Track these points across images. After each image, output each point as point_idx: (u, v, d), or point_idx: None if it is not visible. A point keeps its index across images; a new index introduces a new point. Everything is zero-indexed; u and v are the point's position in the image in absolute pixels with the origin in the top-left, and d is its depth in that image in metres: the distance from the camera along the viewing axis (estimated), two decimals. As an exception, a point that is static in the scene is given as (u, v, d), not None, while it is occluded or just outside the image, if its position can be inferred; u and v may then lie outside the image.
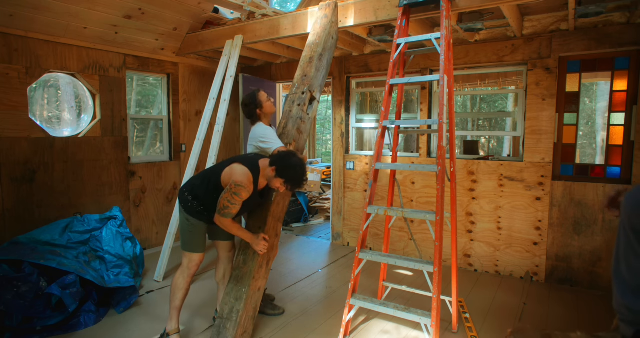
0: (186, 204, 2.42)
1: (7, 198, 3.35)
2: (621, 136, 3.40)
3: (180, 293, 2.51)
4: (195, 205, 2.41)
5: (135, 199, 4.40)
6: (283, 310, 3.07)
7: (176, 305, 2.52)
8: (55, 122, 6.92)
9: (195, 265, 2.52)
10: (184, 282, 2.51)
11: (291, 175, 2.25)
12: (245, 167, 2.29)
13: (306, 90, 2.87)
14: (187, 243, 2.49)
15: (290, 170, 2.24)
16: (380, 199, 4.51)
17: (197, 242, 2.50)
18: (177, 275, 2.53)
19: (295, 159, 2.28)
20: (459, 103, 13.33)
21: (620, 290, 1.01)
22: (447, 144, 2.60)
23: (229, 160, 2.45)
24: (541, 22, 3.55)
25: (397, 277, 3.78)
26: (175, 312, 2.53)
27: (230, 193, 2.24)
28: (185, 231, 2.48)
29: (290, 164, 2.25)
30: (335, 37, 3.23)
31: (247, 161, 2.36)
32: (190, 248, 2.49)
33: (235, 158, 2.46)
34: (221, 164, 2.44)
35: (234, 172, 2.28)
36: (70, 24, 3.55)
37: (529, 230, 3.70)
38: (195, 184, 2.46)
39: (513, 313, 3.05)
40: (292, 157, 2.28)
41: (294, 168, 2.24)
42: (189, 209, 2.42)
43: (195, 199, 2.41)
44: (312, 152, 9.61)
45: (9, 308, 2.49)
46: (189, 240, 2.49)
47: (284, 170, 2.24)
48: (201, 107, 5.04)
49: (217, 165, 2.50)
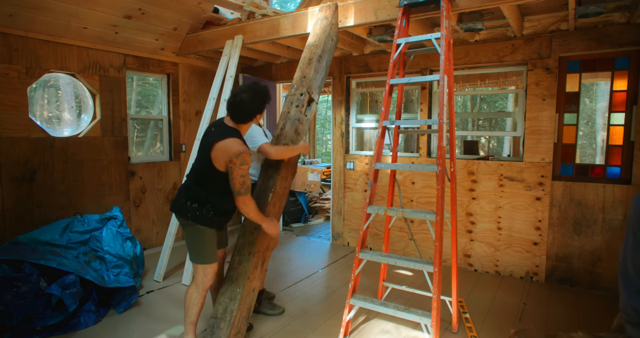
0: (194, 214, 2.28)
1: (7, 198, 3.35)
2: (621, 136, 3.40)
3: (195, 308, 2.39)
4: (205, 212, 2.28)
5: (135, 199, 4.40)
6: (283, 309, 3.05)
7: (192, 320, 2.40)
8: (55, 122, 6.92)
9: (211, 279, 2.39)
10: (198, 296, 2.37)
11: (243, 111, 2.26)
12: (226, 138, 2.20)
13: (305, 91, 2.86)
14: (200, 255, 2.33)
15: (240, 110, 2.26)
16: (380, 199, 4.51)
17: (210, 251, 2.36)
18: (191, 290, 2.40)
19: (237, 96, 2.25)
20: (459, 103, 13.34)
21: (626, 291, 1.01)
22: (447, 144, 2.60)
23: (200, 150, 2.34)
24: (541, 22, 3.55)
25: (397, 277, 3.78)
26: (192, 327, 2.41)
27: (238, 167, 2.14)
28: (197, 242, 2.33)
29: (234, 103, 2.26)
30: (335, 38, 3.23)
31: (219, 133, 2.25)
32: (204, 260, 2.33)
33: (206, 142, 2.30)
34: (200, 159, 2.31)
35: (224, 148, 2.16)
36: (70, 24, 3.55)
37: (529, 230, 3.70)
38: (194, 191, 2.31)
39: (513, 313, 3.05)
40: (235, 96, 2.26)
41: (238, 104, 2.24)
42: (198, 218, 2.28)
43: (202, 205, 2.28)
44: (312, 152, 9.61)
45: (9, 308, 2.49)
46: (202, 250, 2.33)
47: (236, 113, 2.27)
48: (201, 107, 5.04)
49: (196, 163, 2.36)
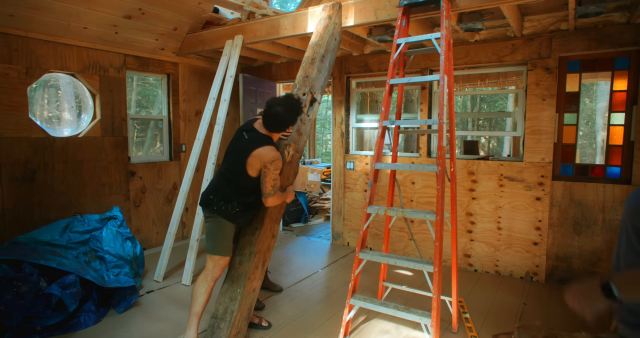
0: (220, 208, 2.41)
1: (7, 199, 3.35)
2: (621, 136, 3.40)
3: (202, 298, 2.42)
4: (230, 208, 2.41)
5: (135, 199, 4.40)
6: (280, 287, 3.45)
7: (197, 311, 2.42)
8: (55, 122, 6.92)
9: (221, 269, 2.47)
10: (206, 286, 2.43)
11: (278, 122, 2.39)
12: (264, 146, 2.32)
13: (307, 91, 2.86)
14: (218, 247, 2.44)
15: (275, 121, 2.38)
16: (380, 199, 4.51)
17: (227, 244, 2.47)
18: (200, 279, 2.46)
19: (273, 109, 2.35)
20: (459, 103, 13.33)
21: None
22: (447, 144, 2.60)
23: (234, 154, 2.43)
24: (541, 22, 3.55)
25: (397, 277, 3.78)
26: (196, 319, 2.43)
27: (271, 172, 2.30)
28: (218, 234, 2.44)
29: (270, 114, 2.37)
30: (339, 38, 3.23)
31: (255, 141, 2.37)
32: (221, 252, 2.44)
33: (240, 146, 2.41)
34: (234, 163, 2.41)
35: (261, 156, 2.30)
36: (70, 24, 3.55)
37: (529, 230, 3.70)
38: (225, 191, 2.43)
39: (513, 313, 3.05)
40: (271, 107, 2.36)
41: (275, 116, 2.36)
42: (223, 212, 2.41)
43: (229, 203, 2.41)
44: (312, 152, 9.62)
45: (9, 308, 2.49)
46: (221, 243, 2.44)
47: (271, 123, 2.40)
48: (201, 107, 5.04)
49: (230, 166, 2.45)
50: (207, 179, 3.70)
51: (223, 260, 2.46)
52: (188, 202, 4.82)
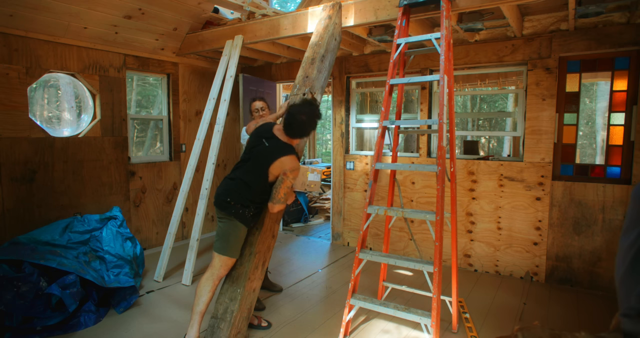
0: (237, 212, 2.42)
1: (7, 198, 3.35)
2: (621, 136, 3.40)
3: (205, 297, 2.43)
4: (247, 213, 2.44)
5: (135, 199, 4.40)
6: (280, 288, 3.46)
7: (200, 310, 2.43)
8: (55, 122, 6.92)
9: (227, 270, 2.49)
10: (211, 285, 2.44)
11: (303, 130, 2.45)
12: (288, 155, 2.39)
13: (307, 91, 2.86)
14: (230, 248, 2.45)
15: (301, 129, 2.44)
16: (380, 199, 4.51)
17: (237, 246, 2.48)
18: (204, 278, 2.46)
19: (297, 117, 2.40)
20: (459, 103, 13.34)
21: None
22: (447, 144, 2.60)
23: (255, 159, 2.45)
24: (541, 22, 3.55)
25: (397, 277, 3.78)
26: (198, 318, 2.43)
27: (289, 180, 2.38)
28: (231, 236, 2.45)
29: (294, 123, 2.41)
30: (339, 38, 3.23)
31: (279, 149, 2.42)
32: (231, 253, 2.46)
33: (262, 153, 2.45)
34: (255, 168, 2.44)
35: (283, 164, 2.37)
36: (70, 24, 3.55)
37: (529, 230, 3.70)
38: (243, 194, 2.44)
39: (513, 313, 3.05)
40: (295, 116, 2.41)
41: (299, 124, 2.41)
42: (239, 215, 2.43)
43: (246, 207, 2.43)
44: (312, 152, 9.61)
45: (9, 308, 2.49)
46: (232, 245, 2.45)
47: (295, 131, 2.45)
48: (201, 107, 5.04)
49: (249, 171, 2.46)
50: (207, 179, 3.70)
51: (231, 261, 2.48)
52: (188, 202, 4.82)
